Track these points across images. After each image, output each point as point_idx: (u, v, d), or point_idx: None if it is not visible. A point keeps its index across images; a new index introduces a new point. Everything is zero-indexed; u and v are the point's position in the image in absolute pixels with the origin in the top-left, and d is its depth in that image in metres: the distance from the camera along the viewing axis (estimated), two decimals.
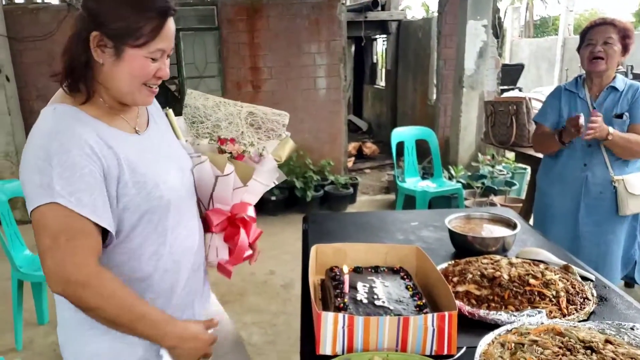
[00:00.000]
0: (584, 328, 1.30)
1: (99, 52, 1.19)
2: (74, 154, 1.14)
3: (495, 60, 6.27)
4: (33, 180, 1.14)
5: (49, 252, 1.12)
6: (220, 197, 1.51)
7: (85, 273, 1.13)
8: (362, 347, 1.27)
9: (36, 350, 3.23)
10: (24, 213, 5.43)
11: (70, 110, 1.22)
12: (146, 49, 1.20)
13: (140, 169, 1.25)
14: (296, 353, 1.36)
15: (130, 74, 1.21)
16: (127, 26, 1.17)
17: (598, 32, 2.54)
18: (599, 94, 2.63)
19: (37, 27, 5.82)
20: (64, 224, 1.12)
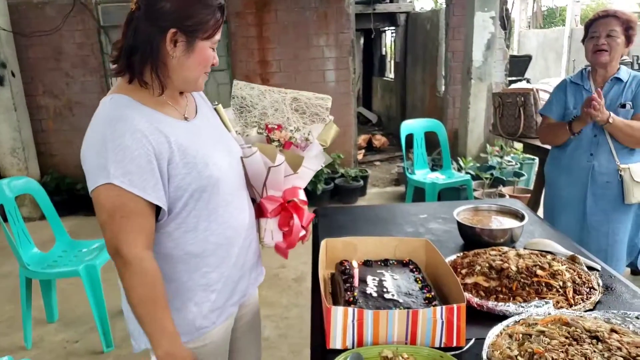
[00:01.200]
0: (590, 318, 1.31)
1: (172, 47, 1.30)
2: (127, 139, 1.24)
3: (503, 51, 6.25)
4: (92, 163, 1.26)
5: (106, 226, 1.27)
6: (273, 184, 1.59)
7: (132, 253, 1.27)
8: (372, 340, 1.29)
9: (46, 348, 3.24)
10: (31, 210, 5.50)
11: (124, 100, 1.32)
12: (211, 40, 1.34)
13: (190, 150, 1.35)
14: (308, 346, 1.38)
15: (199, 63, 1.35)
16: (199, 21, 1.30)
17: (601, 24, 2.56)
18: (604, 85, 2.64)
19: (43, 22, 5.85)
20: (118, 202, 1.25)
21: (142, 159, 1.26)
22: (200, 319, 1.44)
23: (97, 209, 1.27)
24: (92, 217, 4.89)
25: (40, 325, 3.48)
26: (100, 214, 1.27)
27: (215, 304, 1.47)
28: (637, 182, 2.56)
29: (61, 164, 6.24)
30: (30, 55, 5.93)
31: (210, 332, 1.47)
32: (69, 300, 3.71)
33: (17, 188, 3.22)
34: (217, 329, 1.49)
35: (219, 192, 1.41)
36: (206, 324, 1.45)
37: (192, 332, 1.43)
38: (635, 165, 2.59)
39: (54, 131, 6.20)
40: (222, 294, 1.48)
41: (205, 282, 1.44)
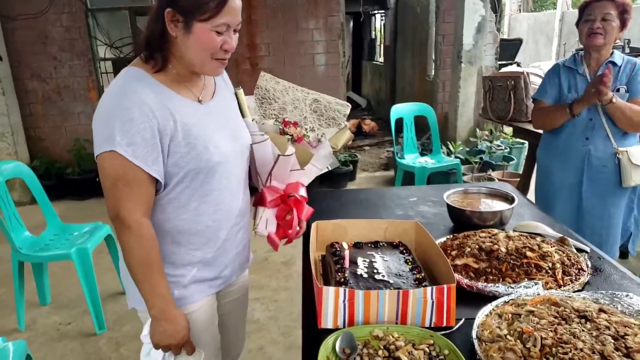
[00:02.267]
0: (578, 298, 1.33)
1: (172, 27, 1.33)
2: (134, 111, 1.29)
3: (494, 35, 6.24)
4: (100, 130, 1.31)
5: (109, 193, 1.33)
6: (278, 175, 1.62)
7: (133, 219, 1.33)
8: (363, 320, 1.30)
9: (39, 330, 3.26)
10: (21, 194, 5.47)
11: (138, 73, 1.37)
12: (211, 22, 1.32)
13: (193, 131, 1.38)
14: (298, 328, 1.40)
15: (199, 46, 1.34)
16: (195, 2, 1.29)
17: (596, 7, 2.54)
18: (598, 69, 2.64)
19: (29, 5, 5.76)
20: (121, 170, 1.30)
21: (147, 132, 1.30)
22: (179, 289, 1.49)
23: (101, 174, 1.32)
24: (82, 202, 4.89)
25: (33, 307, 3.49)
26: (104, 180, 1.32)
27: (194, 278, 1.52)
28: (635, 164, 2.57)
29: (50, 148, 6.19)
30: (17, 39, 5.84)
31: (190, 305, 1.51)
32: (61, 283, 3.71)
33: (7, 172, 3.20)
34: (197, 304, 1.53)
35: (215, 175, 1.44)
36: (185, 296, 1.50)
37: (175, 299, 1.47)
38: (632, 148, 2.60)
39: (43, 115, 6.13)
40: (202, 272, 1.53)
41: (189, 258, 1.49)
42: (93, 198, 5.85)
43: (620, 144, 2.60)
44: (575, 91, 2.65)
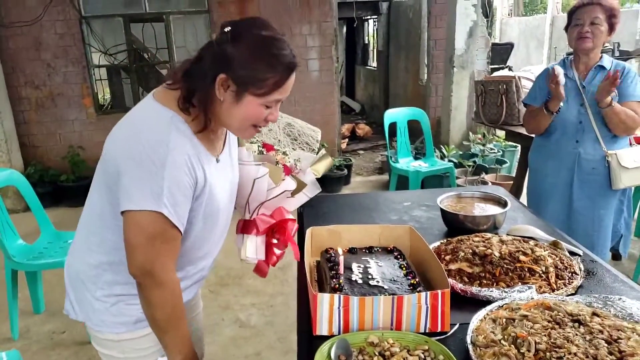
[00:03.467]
0: (572, 302, 1.34)
1: (221, 91, 1.26)
2: (181, 171, 1.25)
3: (485, 39, 6.27)
4: (144, 183, 1.22)
5: (142, 249, 1.25)
6: (270, 205, 1.61)
7: (168, 277, 1.30)
8: (358, 326, 1.30)
9: (33, 338, 3.24)
10: (14, 202, 5.43)
11: (184, 127, 1.29)
12: (264, 98, 1.28)
13: (215, 194, 1.38)
14: (294, 333, 1.40)
15: (244, 117, 1.30)
16: (254, 76, 1.24)
17: (585, 12, 2.57)
18: (587, 73, 2.67)
19: (23, 12, 5.76)
20: (161, 229, 1.25)
21: (188, 191, 1.29)
22: (139, 313, 1.42)
23: (135, 230, 1.25)
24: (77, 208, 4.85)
25: (27, 316, 3.47)
26: (137, 236, 1.25)
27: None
28: (624, 167, 2.60)
29: (44, 155, 6.18)
30: (11, 46, 5.84)
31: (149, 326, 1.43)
32: (55, 291, 3.69)
33: (0, 180, 3.19)
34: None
35: (214, 226, 1.46)
36: (145, 318, 1.42)
37: (133, 323, 1.44)
38: (621, 151, 2.62)
39: (37, 122, 6.12)
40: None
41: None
42: None
43: (610, 147, 2.62)
44: (564, 96, 2.67)
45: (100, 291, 1.41)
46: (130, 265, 1.28)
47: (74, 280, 1.47)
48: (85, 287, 1.43)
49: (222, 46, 1.24)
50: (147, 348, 1.47)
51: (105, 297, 1.41)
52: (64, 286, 1.57)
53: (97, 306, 1.42)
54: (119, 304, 1.41)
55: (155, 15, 6.18)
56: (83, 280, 1.44)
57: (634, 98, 2.57)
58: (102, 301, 1.42)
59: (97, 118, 6.22)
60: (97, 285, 1.41)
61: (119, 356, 1.48)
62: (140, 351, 1.47)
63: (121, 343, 1.45)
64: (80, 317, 1.47)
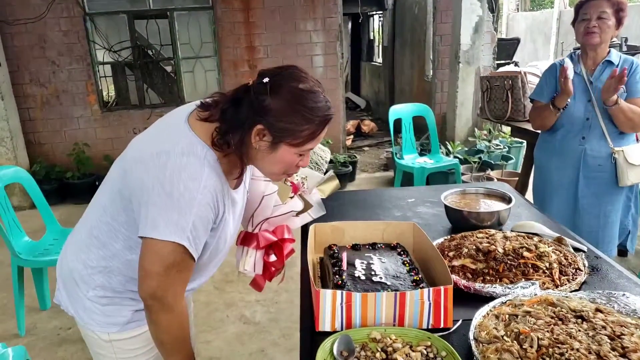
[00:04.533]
0: (575, 298, 1.34)
1: (257, 139, 1.27)
2: (208, 208, 1.27)
3: (491, 35, 6.25)
4: (170, 213, 1.22)
5: (157, 277, 1.26)
6: (274, 221, 1.63)
7: (178, 303, 1.32)
8: (361, 322, 1.30)
9: (40, 335, 3.26)
10: (21, 199, 5.46)
11: (217, 166, 1.30)
12: (299, 148, 1.30)
13: (227, 228, 1.41)
14: (298, 329, 1.40)
15: (278, 164, 1.33)
16: (291, 129, 1.26)
17: (592, 6, 2.54)
18: (595, 68, 2.64)
19: (28, 9, 5.78)
20: (179, 260, 1.27)
21: (209, 225, 1.31)
22: (131, 315, 1.45)
23: (153, 258, 1.26)
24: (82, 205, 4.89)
25: (33, 312, 3.50)
26: (155, 264, 1.26)
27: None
28: (631, 164, 2.58)
29: (50, 152, 6.21)
30: (16, 44, 5.86)
31: (142, 327, 1.45)
32: None
33: (6, 177, 3.20)
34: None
35: (219, 251, 1.46)
36: (137, 319, 1.46)
37: (124, 324, 1.45)
38: (628, 148, 2.60)
39: (42, 120, 6.15)
40: None
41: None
42: None
43: (617, 144, 2.61)
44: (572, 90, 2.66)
45: (92, 291, 1.42)
46: (141, 289, 1.29)
47: (67, 277, 1.47)
48: (77, 285, 1.44)
49: (260, 97, 1.25)
50: (138, 348, 1.49)
51: (96, 298, 1.42)
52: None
53: (88, 305, 1.43)
54: (110, 306, 1.43)
55: (159, 11, 6.19)
56: (75, 279, 1.44)
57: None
58: (94, 301, 1.43)
59: (101, 115, 6.24)
60: (90, 285, 1.42)
61: (109, 355, 1.49)
62: (131, 352, 1.49)
63: (112, 343, 1.46)
64: (71, 311, 1.49)
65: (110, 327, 1.44)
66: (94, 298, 1.42)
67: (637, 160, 2.59)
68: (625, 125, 2.56)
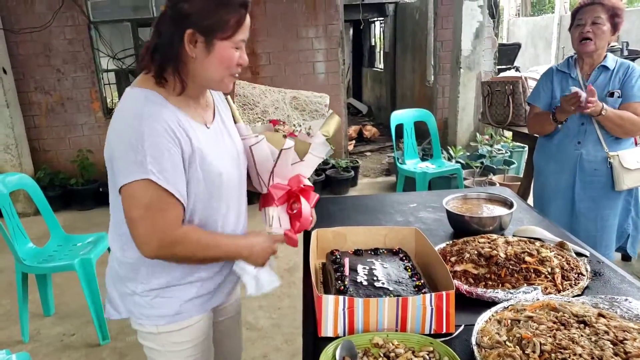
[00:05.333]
0: (577, 303, 1.34)
1: (191, 47, 1.32)
2: (162, 137, 1.29)
3: (492, 40, 6.26)
4: (127, 157, 1.28)
5: (141, 221, 1.31)
6: (280, 172, 1.63)
7: (175, 234, 1.35)
8: (363, 328, 1.31)
9: (43, 341, 3.27)
10: (25, 205, 5.49)
11: (158, 98, 1.35)
12: (232, 39, 1.34)
13: (207, 157, 1.40)
14: (301, 335, 1.41)
15: (221, 63, 1.36)
16: (216, 21, 1.31)
17: (587, 11, 2.55)
18: (591, 73, 2.65)
19: (33, 18, 5.82)
20: (155, 197, 1.30)
21: (176, 157, 1.32)
22: (179, 306, 1.50)
23: (130, 203, 1.30)
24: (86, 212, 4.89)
25: (37, 319, 3.51)
26: (134, 209, 1.30)
27: (197, 294, 1.53)
28: (626, 169, 2.58)
29: (54, 159, 6.24)
30: (21, 52, 5.90)
31: (190, 319, 1.53)
32: (65, 294, 3.73)
33: (11, 184, 3.23)
34: (195, 318, 1.55)
35: (223, 198, 1.48)
36: (186, 310, 1.51)
37: (171, 315, 1.50)
38: (624, 152, 2.61)
39: (47, 127, 6.19)
40: (204, 288, 1.54)
41: (196, 276, 1.51)
42: (97, 208, 5.88)
43: (613, 148, 2.61)
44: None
45: (140, 286, 1.48)
46: (139, 246, 1.34)
47: (116, 279, 1.52)
48: (126, 285, 1.49)
49: (176, 7, 1.31)
50: (183, 342, 1.54)
51: (145, 292, 1.48)
52: (73, 288, 1.61)
53: (138, 300, 1.49)
54: (158, 298, 1.48)
55: None
56: (122, 278, 1.50)
57: (636, 99, 2.55)
58: (143, 295, 1.48)
59: (105, 122, 6.26)
60: (137, 281, 1.47)
61: (158, 349, 1.55)
62: (176, 345, 1.54)
63: (160, 335, 1.52)
64: (123, 313, 1.54)
65: (158, 320, 1.49)
66: (142, 292, 1.48)
67: (632, 165, 2.60)
68: (615, 131, 2.57)
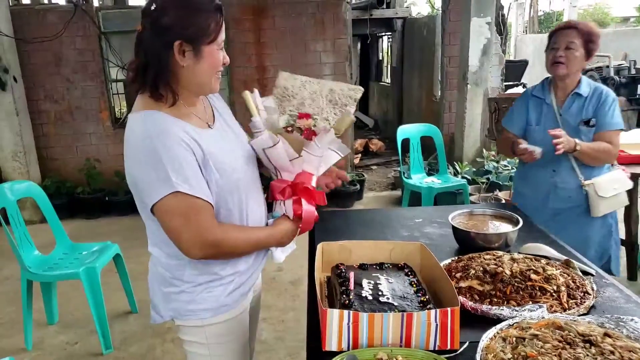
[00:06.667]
0: (583, 322, 1.33)
1: (181, 57, 1.39)
2: (176, 149, 1.36)
3: (499, 56, 6.28)
4: (150, 177, 1.35)
5: (182, 229, 1.39)
6: (280, 166, 1.65)
7: (215, 233, 1.43)
8: (367, 343, 1.30)
9: (46, 350, 3.27)
10: (32, 213, 5.51)
11: (157, 115, 1.40)
12: (216, 42, 1.42)
13: (219, 157, 1.46)
14: (305, 349, 1.40)
15: (210, 67, 1.44)
16: (198, 28, 1.38)
17: (561, 35, 2.53)
18: (565, 99, 2.62)
19: (44, 28, 5.88)
20: (188, 205, 1.37)
21: (194, 164, 1.39)
22: (224, 298, 1.57)
23: (168, 217, 1.38)
24: (92, 221, 4.92)
25: (41, 327, 3.51)
26: (173, 220, 1.38)
27: (237, 285, 1.61)
28: (601, 196, 2.57)
29: (62, 168, 6.28)
30: (32, 61, 5.97)
31: (230, 310, 1.61)
32: (69, 303, 3.73)
33: (19, 192, 3.25)
34: (237, 310, 1.63)
35: (242, 190, 1.55)
36: (228, 302, 1.59)
37: (215, 308, 1.57)
38: (599, 179, 2.58)
39: (55, 136, 6.23)
40: (242, 278, 1.62)
41: (233, 268, 1.58)
42: (103, 217, 5.91)
43: (587, 175, 2.60)
44: (542, 123, 2.63)
45: (186, 284, 1.54)
46: (186, 251, 1.41)
47: (162, 281, 1.58)
48: (172, 284, 1.56)
49: (157, 22, 1.36)
50: (227, 335, 1.62)
51: (191, 288, 1.54)
52: (78, 297, 1.64)
53: (184, 297, 1.55)
54: (203, 293, 1.55)
55: None
56: (168, 279, 1.56)
57: (610, 127, 2.53)
58: (189, 292, 1.55)
59: (113, 131, 6.31)
60: (183, 279, 1.54)
61: (202, 342, 1.61)
62: (221, 337, 1.61)
63: (205, 328, 1.58)
64: (166, 316, 1.61)
65: (203, 313, 1.56)
66: (188, 289, 1.54)
67: (606, 193, 2.58)
68: (593, 163, 2.56)
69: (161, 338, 3.22)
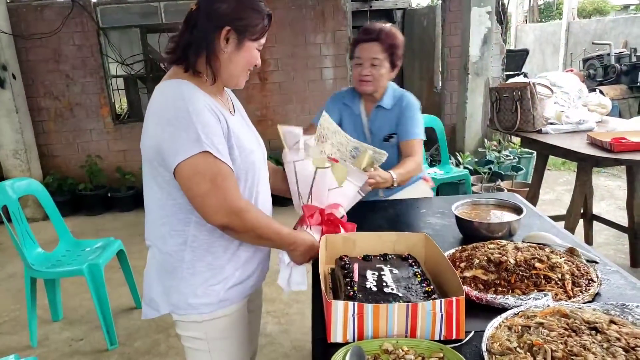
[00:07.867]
0: (588, 309, 1.33)
1: (224, 43, 1.49)
2: (207, 114, 1.42)
3: (500, 46, 6.26)
4: (180, 136, 1.38)
5: (210, 193, 1.40)
6: (317, 194, 1.73)
7: (242, 202, 1.46)
8: (372, 334, 1.30)
9: (51, 346, 3.28)
10: (34, 211, 5.52)
11: (192, 85, 1.47)
12: (257, 42, 1.54)
13: (240, 136, 1.54)
14: (309, 341, 1.41)
15: (245, 60, 1.54)
16: (249, 23, 1.50)
17: (364, 49, 2.44)
18: (372, 111, 2.57)
19: (42, 24, 5.87)
20: (216, 168, 1.41)
21: (220, 132, 1.45)
22: (224, 293, 1.59)
23: (195, 179, 1.39)
24: (95, 217, 4.92)
25: (46, 324, 3.52)
26: (201, 184, 1.39)
27: (237, 281, 1.62)
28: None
29: (63, 164, 6.27)
30: (31, 58, 5.96)
31: (230, 306, 1.62)
32: (73, 299, 3.74)
33: (20, 189, 3.25)
34: (236, 305, 1.65)
35: (256, 176, 1.61)
36: (228, 297, 1.60)
37: (215, 303, 1.58)
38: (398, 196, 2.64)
39: (55, 132, 6.23)
40: (244, 272, 1.64)
41: (236, 259, 1.61)
42: (105, 213, 5.91)
43: (388, 193, 2.62)
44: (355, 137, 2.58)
45: (186, 270, 1.55)
46: (209, 216, 1.42)
47: (161, 273, 1.59)
48: (172, 276, 1.57)
49: (214, 6, 1.46)
50: (227, 330, 1.64)
51: (191, 278, 1.55)
52: (82, 293, 1.64)
53: (184, 290, 1.56)
54: (203, 285, 1.56)
55: (172, 25, 6.25)
56: (168, 271, 1.57)
57: (411, 136, 2.49)
58: (189, 283, 1.55)
59: (114, 127, 6.31)
60: (183, 268, 1.55)
61: (201, 337, 1.61)
62: (220, 332, 1.63)
63: (204, 324, 1.59)
64: (163, 310, 1.61)
65: (203, 308, 1.57)
66: (188, 279, 1.55)
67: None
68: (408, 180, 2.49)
69: (166, 333, 3.23)
